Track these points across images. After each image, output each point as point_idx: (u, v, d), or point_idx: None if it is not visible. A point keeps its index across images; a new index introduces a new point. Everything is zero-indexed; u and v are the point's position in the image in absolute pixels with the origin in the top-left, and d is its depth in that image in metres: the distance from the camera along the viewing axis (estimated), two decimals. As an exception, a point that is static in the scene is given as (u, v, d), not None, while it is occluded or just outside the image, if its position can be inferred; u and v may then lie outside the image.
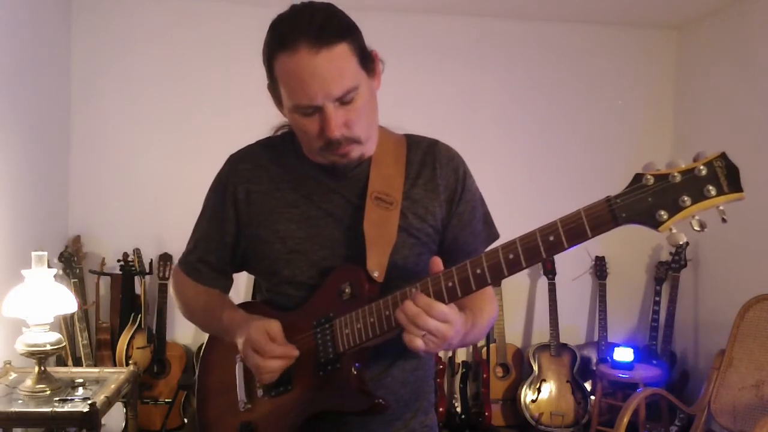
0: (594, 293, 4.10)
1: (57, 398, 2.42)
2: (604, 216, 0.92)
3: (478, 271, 1.01)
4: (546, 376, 3.79)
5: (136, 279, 3.67)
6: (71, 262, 3.47)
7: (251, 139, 1.31)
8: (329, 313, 1.14)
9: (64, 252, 3.49)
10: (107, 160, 3.79)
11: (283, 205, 1.21)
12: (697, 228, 0.90)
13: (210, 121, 3.81)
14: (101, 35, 3.76)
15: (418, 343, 1.02)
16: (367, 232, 1.15)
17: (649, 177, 0.90)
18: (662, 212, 0.89)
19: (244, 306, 1.28)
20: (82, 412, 2.30)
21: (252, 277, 1.37)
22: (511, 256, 0.98)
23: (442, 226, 1.23)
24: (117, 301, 3.66)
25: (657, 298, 3.88)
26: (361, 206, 1.17)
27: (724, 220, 0.89)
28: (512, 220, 4.15)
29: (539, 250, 0.96)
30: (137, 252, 3.69)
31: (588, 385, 3.82)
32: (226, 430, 1.25)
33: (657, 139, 4.20)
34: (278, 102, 1.15)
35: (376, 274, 1.13)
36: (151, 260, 3.71)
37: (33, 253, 2.52)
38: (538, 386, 3.77)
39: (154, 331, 3.64)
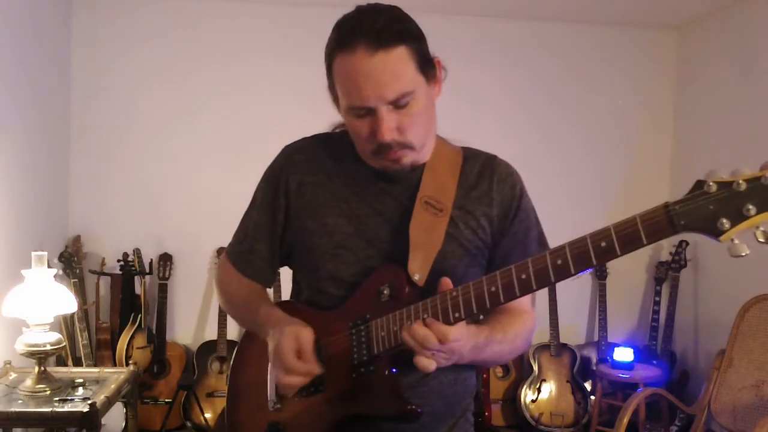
0: (594, 293, 4.10)
1: (57, 398, 2.42)
2: (661, 222, 0.89)
3: (524, 276, 0.98)
4: (546, 376, 3.79)
5: (136, 279, 3.67)
6: (71, 262, 3.47)
7: (251, 139, 1.31)
8: (366, 314, 1.12)
9: (64, 252, 3.49)
10: (107, 160, 3.79)
11: (334, 198, 1.20)
12: (762, 239, 0.85)
13: (210, 121, 3.80)
14: (101, 35, 3.76)
15: (429, 363, 1.01)
16: (413, 234, 1.13)
17: (711, 184, 0.85)
18: (724, 221, 0.84)
19: (282, 305, 1.27)
20: (82, 412, 2.30)
21: (286, 281, 1.35)
22: (559, 262, 0.95)
23: (493, 241, 1.20)
24: (117, 301, 3.66)
25: (657, 298, 3.88)
26: (410, 209, 1.16)
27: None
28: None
29: (590, 256, 0.93)
30: (137, 252, 3.69)
31: (588, 385, 3.82)
32: (254, 428, 1.24)
33: (657, 139, 4.20)
34: (336, 102, 1.14)
35: (417, 277, 1.11)
36: (151, 260, 3.71)
37: (33, 253, 2.52)
38: (538, 386, 3.77)
39: (154, 331, 3.63)
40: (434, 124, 1.19)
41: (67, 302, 2.57)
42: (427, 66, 1.11)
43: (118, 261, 3.65)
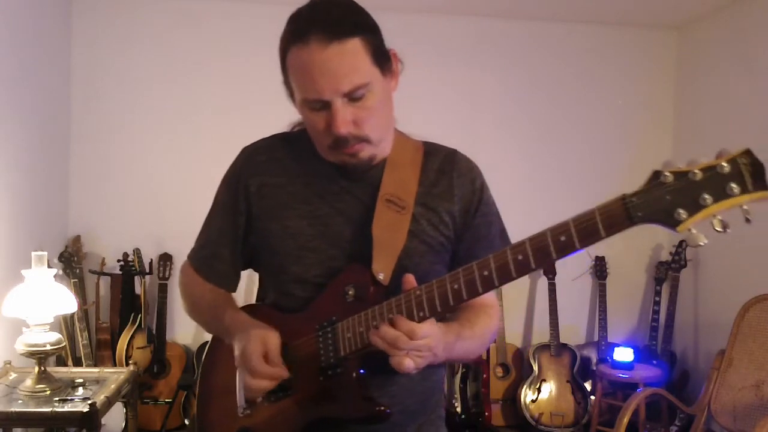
0: (594, 293, 4.10)
1: (57, 398, 2.42)
2: (619, 215, 0.87)
3: (486, 272, 0.97)
4: (546, 376, 3.79)
5: (136, 279, 3.67)
6: (71, 262, 3.47)
7: (251, 139, 1.30)
8: (332, 316, 1.12)
9: (64, 252, 3.49)
10: (107, 160, 3.79)
11: (295, 200, 1.19)
12: (719, 228, 0.84)
13: (210, 121, 3.81)
14: (101, 35, 3.76)
15: (407, 362, 1.00)
16: (376, 234, 1.13)
17: (667, 174, 0.85)
18: (681, 211, 0.84)
19: (248, 309, 1.26)
20: (82, 412, 2.30)
21: (250, 284, 1.36)
22: (520, 257, 0.94)
23: (456, 237, 1.20)
24: (117, 301, 3.66)
25: (657, 298, 3.88)
26: (372, 208, 1.15)
27: (748, 220, 0.82)
28: (512, 219, 4.13)
29: (549, 250, 0.92)
30: (137, 252, 3.69)
31: (588, 385, 3.82)
32: None
33: (657, 139, 4.20)
34: (291, 97, 1.13)
35: (381, 277, 1.10)
36: (151, 260, 3.71)
37: (33, 253, 2.52)
38: (538, 386, 3.77)
39: (154, 331, 3.63)
40: (392, 118, 1.18)
41: (67, 302, 2.57)
42: (383, 59, 1.09)
43: (118, 261, 3.65)
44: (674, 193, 0.84)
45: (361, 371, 1.10)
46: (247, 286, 3.05)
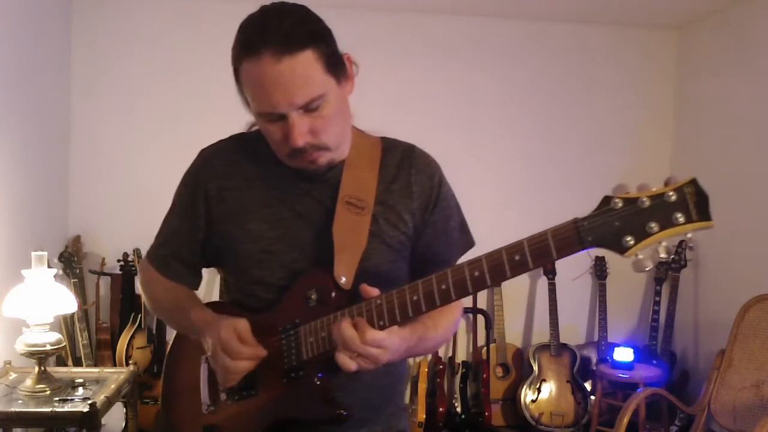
0: (594, 293, 4.10)
1: (57, 398, 2.42)
2: (570, 238, 0.91)
3: (443, 286, 1.00)
4: (546, 376, 3.79)
5: (136, 279, 3.67)
6: (71, 262, 3.47)
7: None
8: (296, 319, 1.13)
9: (64, 252, 3.49)
10: (107, 160, 3.79)
11: (255, 204, 1.19)
12: (663, 255, 0.89)
13: (210, 121, 3.79)
14: (101, 35, 3.76)
15: (350, 364, 1.03)
16: (336, 237, 1.14)
17: (617, 200, 0.89)
18: (629, 238, 0.88)
19: (211, 306, 1.27)
20: (82, 412, 2.30)
21: (213, 278, 1.36)
22: (476, 274, 0.97)
23: (415, 233, 1.21)
24: (117, 301, 3.66)
25: (657, 298, 3.88)
26: (332, 209, 1.16)
27: (690, 248, 0.92)
28: (512, 219, 4.16)
29: (504, 268, 0.95)
30: (137, 252, 3.68)
31: (588, 385, 3.82)
32: (189, 430, 1.25)
33: (657, 139, 4.20)
34: (246, 104, 1.13)
35: (343, 281, 1.12)
36: (151, 260, 3.71)
37: (33, 253, 2.52)
38: (538, 386, 3.77)
39: (154, 331, 3.64)
40: (349, 121, 1.18)
41: (67, 302, 2.57)
42: (337, 65, 1.08)
43: (118, 261, 3.65)
44: (623, 219, 0.88)
45: (320, 375, 1.12)
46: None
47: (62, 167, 3.70)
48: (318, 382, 1.12)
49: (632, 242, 0.87)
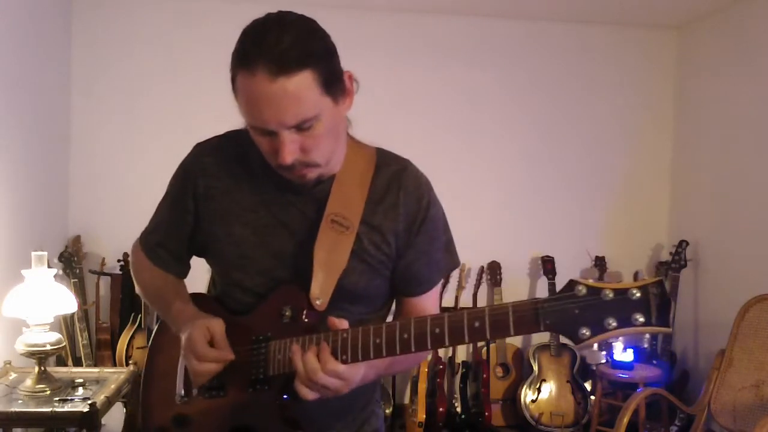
0: (594, 293, 4.09)
1: (57, 398, 2.42)
2: (528, 317, 0.91)
3: (405, 335, 1.00)
4: (546, 376, 3.79)
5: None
6: (71, 262, 3.47)
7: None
8: (268, 332, 1.14)
9: (64, 252, 3.49)
10: (107, 160, 3.79)
11: (240, 207, 1.19)
12: (615, 344, 0.92)
13: (209, 121, 3.78)
14: (101, 35, 3.76)
15: (309, 394, 1.03)
16: (317, 255, 1.13)
17: (581, 288, 0.89)
18: (585, 330, 0.88)
19: (196, 298, 1.28)
20: (82, 412, 2.30)
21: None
22: (437, 331, 0.98)
23: (397, 254, 1.20)
24: (117, 301, 3.66)
25: (657, 298, 3.87)
26: (316, 223, 1.15)
27: (647, 347, 0.91)
28: (512, 219, 4.16)
29: (463, 332, 0.95)
30: (137, 252, 3.68)
31: (588, 385, 3.82)
32: (161, 416, 1.26)
33: (657, 139, 4.21)
34: (240, 110, 1.10)
35: (318, 302, 1.12)
36: (151, 260, 3.71)
37: (33, 253, 2.52)
38: (538, 386, 3.77)
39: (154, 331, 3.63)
40: (342, 138, 1.16)
41: (67, 302, 2.57)
42: (335, 86, 1.05)
43: (118, 261, 3.65)
44: (583, 308, 0.88)
45: (285, 397, 1.12)
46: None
47: (62, 167, 3.70)
48: (280, 403, 1.13)
49: (588, 334, 0.87)
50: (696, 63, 4.03)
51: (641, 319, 0.86)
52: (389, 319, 1.29)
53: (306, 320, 1.12)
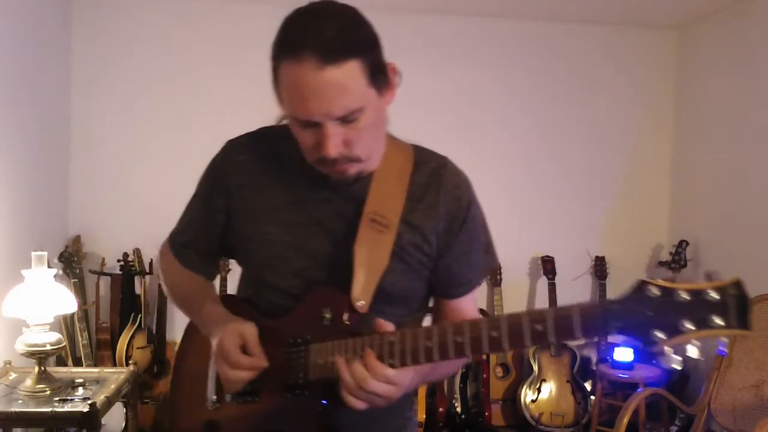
0: (594, 293, 4.10)
1: (57, 398, 2.42)
2: (597, 320, 0.86)
3: (459, 339, 0.96)
4: (546, 376, 3.79)
5: (136, 279, 3.67)
6: (71, 262, 3.47)
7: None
8: (306, 335, 1.10)
9: (64, 252, 3.49)
10: (107, 160, 3.79)
11: (273, 206, 1.16)
12: (693, 356, 0.84)
13: (210, 121, 3.80)
14: (101, 35, 3.76)
15: (358, 403, 1.00)
16: (358, 255, 1.09)
17: (653, 288, 0.83)
18: (658, 333, 0.82)
19: (226, 300, 1.25)
20: (82, 412, 2.30)
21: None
22: (494, 334, 0.93)
23: (437, 254, 1.16)
24: (117, 301, 3.66)
25: (657, 298, 3.87)
26: (354, 223, 1.11)
27: (722, 353, 0.85)
28: (512, 219, 4.16)
29: (522, 336, 0.90)
30: (137, 252, 3.68)
31: (588, 385, 3.82)
32: (192, 421, 1.22)
33: (657, 139, 4.21)
34: (280, 101, 1.07)
35: (360, 304, 1.08)
36: (151, 260, 3.71)
37: (33, 253, 2.52)
38: (538, 386, 3.77)
39: (154, 331, 3.63)
40: (383, 134, 1.14)
41: (67, 302, 2.57)
42: (380, 77, 1.03)
43: (118, 261, 3.64)
44: (656, 310, 0.82)
45: (324, 402, 1.09)
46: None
47: (62, 167, 3.70)
48: (319, 409, 1.09)
49: (661, 337, 0.82)
50: (696, 63, 4.03)
51: (720, 322, 0.80)
52: (426, 322, 1.25)
53: (347, 323, 1.07)
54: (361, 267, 1.09)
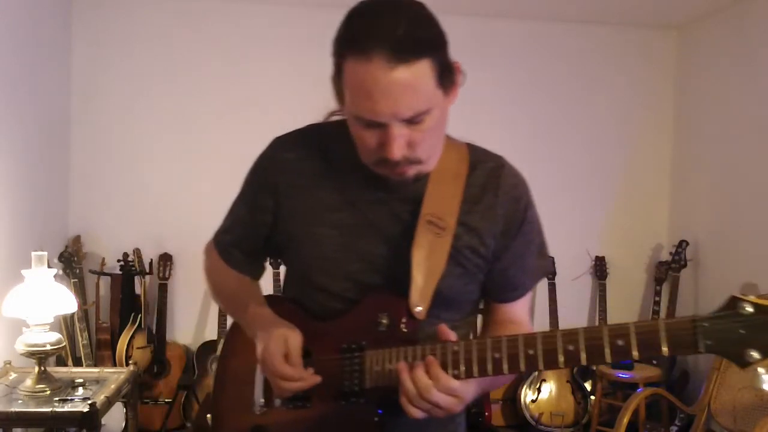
0: (594, 293, 4.10)
1: (57, 398, 2.42)
2: (685, 337, 0.82)
3: (531, 351, 0.92)
4: (546, 376, 3.79)
5: (136, 279, 3.67)
6: (71, 262, 3.47)
7: (251, 139, 1.28)
8: (362, 340, 1.06)
9: (64, 252, 3.49)
10: (107, 159, 3.79)
11: (323, 206, 1.11)
12: None
13: (210, 121, 3.81)
14: (102, 35, 3.76)
15: (418, 413, 0.97)
16: (415, 258, 1.05)
17: (747, 305, 0.79)
18: (753, 353, 0.77)
19: (272, 301, 1.21)
20: (82, 412, 2.30)
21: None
22: (570, 348, 0.89)
23: (493, 257, 1.12)
24: (117, 301, 3.66)
25: (657, 298, 3.88)
26: (410, 225, 1.07)
27: None
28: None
29: (603, 351, 0.86)
30: (137, 252, 3.69)
31: (588, 385, 3.82)
32: (238, 425, 1.18)
33: (657, 139, 4.20)
34: (339, 97, 1.02)
35: (418, 310, 1.04)
36: (151, 260, 3.71)
37: (33, 253, 2.52)
38: (538, 386, 3.77)
39: (154, 331, 3.63)
40: (444, 134, 1.10)
41: (67, 302, 2.57)
42: (447, 75, 1.00)
43: (118, 261, 3.64)
44: (750, 328, 0.78)
45: (380, 411, 1.06)
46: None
47: (62, 167, 3.70)
48: (376, 420, 1.06)
49: (757, 357, 0.77)
50: (696, 63, 4.03)
51: None
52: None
53: (405, 330, 1.04)
54: (419, 271, 1.05)
